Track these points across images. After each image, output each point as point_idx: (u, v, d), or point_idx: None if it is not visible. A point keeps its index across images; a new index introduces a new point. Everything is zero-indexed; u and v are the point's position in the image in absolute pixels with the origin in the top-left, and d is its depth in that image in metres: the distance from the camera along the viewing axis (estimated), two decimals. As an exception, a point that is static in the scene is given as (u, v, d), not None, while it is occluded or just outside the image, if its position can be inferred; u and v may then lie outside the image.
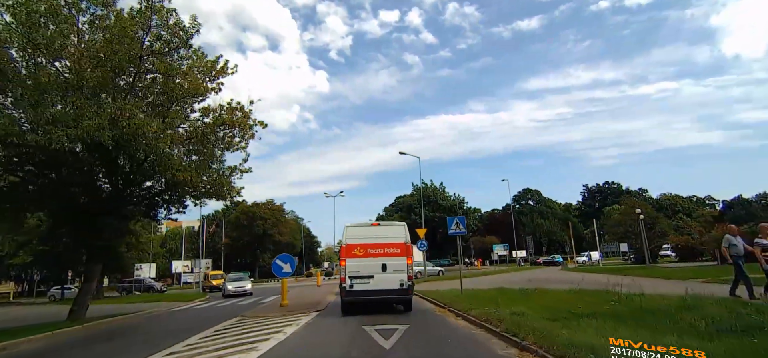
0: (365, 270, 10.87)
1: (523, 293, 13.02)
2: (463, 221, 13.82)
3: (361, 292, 10.81)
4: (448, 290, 16.91)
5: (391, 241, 11.04)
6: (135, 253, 34.19)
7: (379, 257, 10.91)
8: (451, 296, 13.82)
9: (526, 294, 12.58)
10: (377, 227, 11.75)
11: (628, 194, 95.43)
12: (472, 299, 12.21)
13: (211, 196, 18.17)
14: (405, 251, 10.95)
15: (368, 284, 10.81)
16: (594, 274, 27.30)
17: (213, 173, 16.65)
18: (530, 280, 20.07)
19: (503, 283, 19.43)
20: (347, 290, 10.89)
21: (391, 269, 10.84)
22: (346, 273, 10.93)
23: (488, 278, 27.52)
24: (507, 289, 15.07)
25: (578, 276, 20.11)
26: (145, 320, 15.71)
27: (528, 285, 15.52)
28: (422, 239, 27.61)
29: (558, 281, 20.03)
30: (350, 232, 11.33)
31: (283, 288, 14.23)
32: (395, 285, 10.75)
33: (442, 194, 67.23)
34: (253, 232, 63.18)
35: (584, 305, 9.29)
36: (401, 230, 11.40)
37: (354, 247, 11.01)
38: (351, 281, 10.87)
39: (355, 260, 10.94)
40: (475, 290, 15.53)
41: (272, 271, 14.31)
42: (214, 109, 15.64)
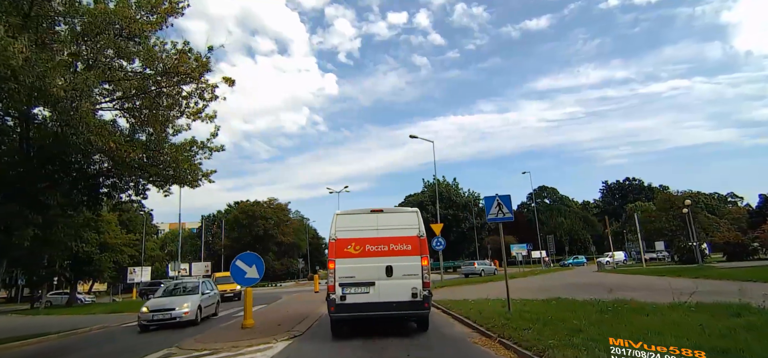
0: (363, 275, 7.91)
1: (607, 310, 8.40)
2: (508, 201, 9.30)
3: (357, 306, 7.83)
4: (479, 300, 12.39)
5: (400, 234, 8.09)
6: (110, 254, 30.09)
7: (382, 255, 7.98)
8: (493, 313, 9.31)
9: (617, 313, 7.98)
10: (380, 215, 8.41)
11: (650, 190, 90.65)
12: (530, 321, 7.71)
13: (165, 178, 13.99)
14: (419, 248, 7.99)
15: (367, 294, 7.85)
16: (650, 276, 22.57)
17: (160, 146, 12.36)
18: (582, 285, 15.46)
19: (548, 289, 14.88)
20: (338, 303, 7.85)
21: (400, 272, 7.88)
22: (335, 279, 7.90)
23: (521, 283, 22.80)
24: (570, 301, 10.53)
25: (635, 280, 15.53)
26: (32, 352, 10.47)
27: (590, 292, 10.91)
28: (438, 236, 23.04)
29: (624, 287, 15.31)
30: (342, 222, 8.29)
31: (246, 302, 9.80)
32: (405, 296, 7.76)
33: (455, 190, 62.16)
34: (254, 232, 58.90)
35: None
36: (413, 217, 8.36)
37: (347, 243, 8.07)
38: (343, 291, 7.87)
39: (349, 261, 7.97)
40: (522, 302, 10.96)
41: (232, 276, 9.97)
42: (155, 51, 11.30)
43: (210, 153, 15.07)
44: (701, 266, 29.36)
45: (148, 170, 13.77)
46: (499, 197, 9.34)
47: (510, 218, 9.24)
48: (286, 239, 64.11)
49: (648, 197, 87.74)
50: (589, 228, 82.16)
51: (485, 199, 9.47)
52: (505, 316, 8.57)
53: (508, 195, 9.37)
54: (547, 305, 10.09)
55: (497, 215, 9.26)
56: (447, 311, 11.08)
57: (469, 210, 59.75)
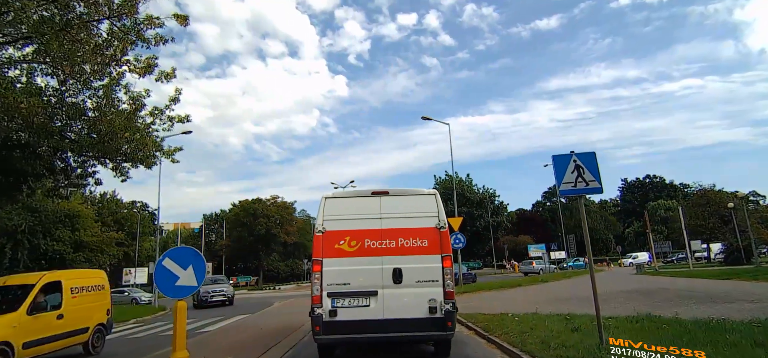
0: (361, 281, 5.75)
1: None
2: (592, 163, 5.73)
3: (352, 325, 5.65)
4: (531, 316, 8.82)
5: (413, 224, 5.95)
6: (87, 254, 26.96)
7: (388, 254, 5.82)
8: (566, 343, 5.75)
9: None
10: (384, 198, 6.24)
11: (672, 188, 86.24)
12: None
13: (104, 152, 10.81)
14: (440, 244, 5.85)
15: (367, 308, 5.68)
16: (710, 279, 18.76)
17: (79, 112, 9.11)
18: (649, 292, 11.83)
19: (611, 298, 11.27)
20: (326, 321, 5.63)
21: (413, 278, 5.71)
22: (322, 287, 5.69)
23: (563, 289, 19.10)
24: (674, 320, 6.92)
25: (703, 284, 11.70)
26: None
27: (674, 304, 7.32)
28: (457, 232, 19.47)
29: (712, 295, 11.60)
30: (332, 207, 6.14)
31: (176, 324, 6.25)
32: (421, 311, 5.59)
33: (469, 187, 58.25)
34: (255, 231, 55.67)
35: None
36: (431, 201, 6.20)
37: (339, 236, 5.92)
38: (332, 303, 5.67)
39: (342, 262, 5.82)
40: (592, 319, 7.35)
41: (156, 283, 6.56)
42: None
43: (170, 124, 11.83)
44: (758, 266, 25.41)
45: (81, 143, 10.59)
46: (576, 156, 5.77)
47: (597, 189, 5.68)
48: (290, 238, 60.80)
49: (669, 195, 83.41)
50: (611, 228, 77.85)
51: (554, 159, 5.87)
52: (597, 354, 5.00)
53: (593, 152, 5.81)
54: (645, 327, 6.49)
55: (574, 185, 5.71)
56: (485, 334, 7.55)
57: (484, 207, 55.84)
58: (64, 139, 10.80)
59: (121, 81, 10.85)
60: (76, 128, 11.11)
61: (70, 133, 11.15)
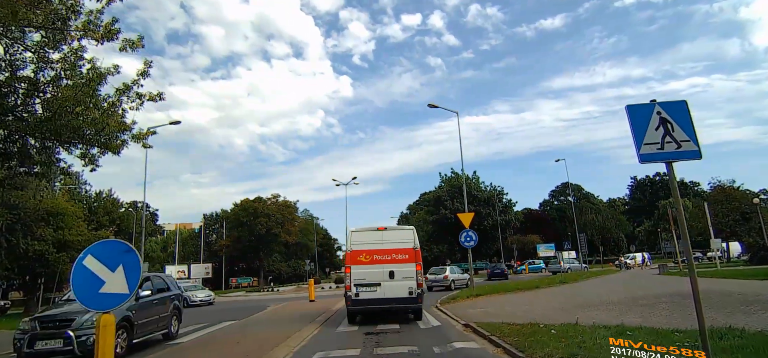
0: (372, 278, 10.40)
1: None
2: (684, 114, 4.01)
3: (367, 301, 10.37)
4: (570, 327, 7.08)
5: (399, 246, 10.61)
6: (71, 254, 25.36)
7: (386, 263, 10.46)
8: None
9: None
10: (384, 232, 10.92)
11: (684, 186, 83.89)
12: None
13: (57, 133, 9.22)
14: (413, 257, 10.50)
15: (375, 292, 10.35)
16: (749, 280, 16.86)
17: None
18: (682, 295, 9.89)
19: (645, 302, 9.47)
20: (353, 298, 10.38)
21: (400, 276, 10.41)
22: (351, 281, 10.38)
23: (584, 291, 17.25)
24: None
25: (747, 286, 9.86)
26: None
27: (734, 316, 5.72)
28: (468, 229, 17.71)
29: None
30: (356, 237, 10.88)
31: (97, 351, 4.51)
32: (404, 293, 10.32)
33: (476, 184, 56.25)
34: (256, 231, 53.90)
35: None
36: (409, 234, 10.88)
37: (359, 253, 10.55)
38: (357, 289, 10.36)
39: (361, 267, 10.44)
40: (648, 332, 5.59)
41: (73, 290, 4.91)
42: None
43: (140, 102, 10.19)
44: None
45: (29, 121, 9.01)
46: (661, 106, 4.00)
47: (694, 153, 3.91)
48: (292, 238, 59.00)
49: (682, 194, 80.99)
50: (622, 226, 75.69)
51: (629, 111, 4.03)
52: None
53: (684, 101, 4.05)
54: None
55: (661, 147, 3.94)
56: (518, 355, 5.73)
57: (492, 206, 53.84)
58: (19, 120, 9.22)
59: (84, 54, 9.33)
60: (31, 108, 9.57)
61: (24, 113, 9.59)
